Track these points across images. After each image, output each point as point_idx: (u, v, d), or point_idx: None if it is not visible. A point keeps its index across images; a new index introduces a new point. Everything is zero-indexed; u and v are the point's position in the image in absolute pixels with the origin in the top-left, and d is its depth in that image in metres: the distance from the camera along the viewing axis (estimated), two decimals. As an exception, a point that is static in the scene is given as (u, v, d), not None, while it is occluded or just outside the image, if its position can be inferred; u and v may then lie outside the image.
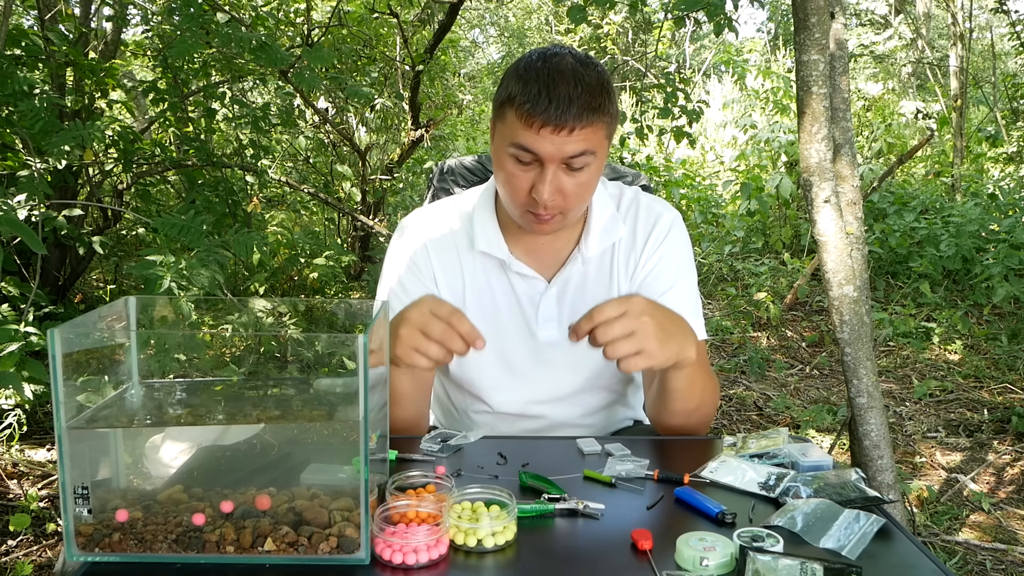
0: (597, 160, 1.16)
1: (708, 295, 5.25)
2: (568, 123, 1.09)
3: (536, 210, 1.16)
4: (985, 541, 2.37)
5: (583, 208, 1.23)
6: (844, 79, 1.74)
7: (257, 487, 0.81)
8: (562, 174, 1.14)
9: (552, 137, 1.10)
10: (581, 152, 1.12)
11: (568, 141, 1.10)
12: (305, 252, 4.18)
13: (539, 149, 1.11)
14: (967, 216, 5.20)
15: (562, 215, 1.19)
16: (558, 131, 1.09)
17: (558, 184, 1.14)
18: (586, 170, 1.15)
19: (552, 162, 1.12)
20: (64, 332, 0.77)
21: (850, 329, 1.60)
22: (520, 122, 1.11)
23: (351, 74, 4.46)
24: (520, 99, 1.10)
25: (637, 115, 5.28)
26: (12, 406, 2.55)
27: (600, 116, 1.12)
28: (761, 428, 3.28)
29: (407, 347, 1.04)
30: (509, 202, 1.21)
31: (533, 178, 1.14)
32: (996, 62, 8.30)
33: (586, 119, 1.10)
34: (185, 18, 2.64)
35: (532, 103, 1.09)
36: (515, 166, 1.15)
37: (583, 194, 1.18)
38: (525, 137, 1.11)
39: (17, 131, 2.65)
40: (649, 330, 1.02)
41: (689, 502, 0.93)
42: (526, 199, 1.16)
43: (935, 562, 0.82)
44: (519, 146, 1.12)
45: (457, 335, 1.04)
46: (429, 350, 1.04)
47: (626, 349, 1.02)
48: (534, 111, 1.09)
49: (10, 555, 2.12)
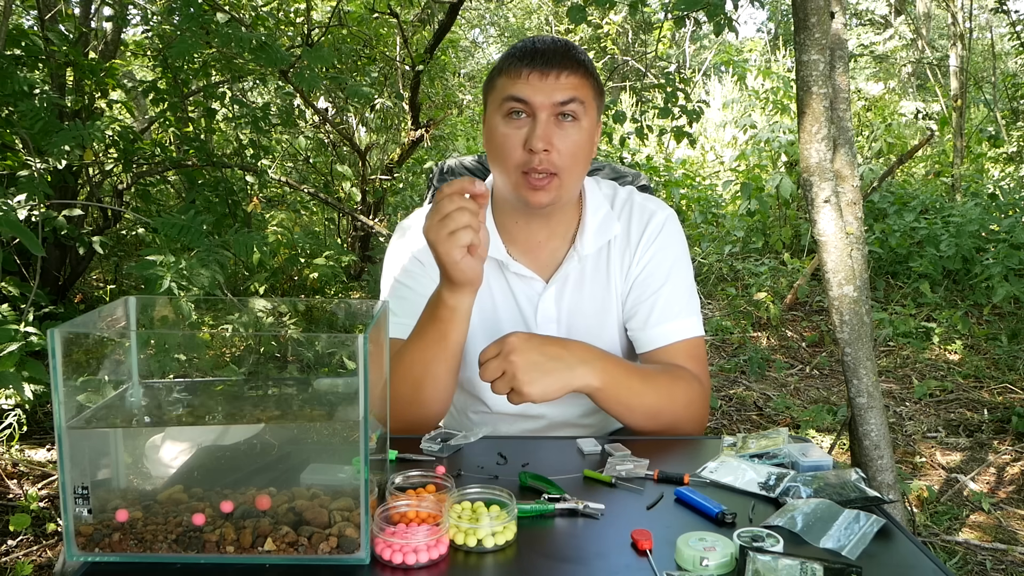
0: (587, 118, 1.20)
1: (708, 295, 5.25)
2: (554, 69, 1.17)
3: (531, 167, 1.18)
4: (985, 541, 2.37)
5: (577, 178, 1.24)
6: (844, 79, 1.74)
7: (257, 487, 0.81)
8: (553, 126, 1.18)
9: (540, 84, 1.16)
10: (570, 99, 1.17)
11: (556, 87, 1.17)
12: (305, 252, 4.18)
13: (529, 95, 1.17)
14: (967, 216, 5.19)
15: (558, 179, 1.20)
16: (544, 77, 1.16)
17: (550, 135, 1.17)
18: (576, 127, 1.19)
19: (543, 110, 1.17)
20: (64, 332, 0.77)
21: (850, 329, 1.60)
22: (509, 78, 1.19)
23: (351, 74, 4.46)
24: (507, 62, 1.20)
25: (637, 115, 5.28)
26: (12, 406, 2.55)
27: (585, 72, 1.20)
28: (761, 428, 3.28)
29: (443, 236, 1.03)
30: (504, 170, 1.22)
31: (526, 134, 1.18)
32: (996, 62, 8.29)
33: (571, 68, 1.18)
34: (185, 18, 2.64)
35: (519, 57, 1.18)
36: (508, 125, 1.19)
37: (576, 154, 1.20)
38: (515, 87, 1.18)
39: (17, 131, 2.65)
40: (516, 369, 1.08)
41: (689, 502, 0.93)
42: (521, 156, 1.19)
43: (935, 562, 0.82)
44: (510, 97, 1.18)
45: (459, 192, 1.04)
46: (458, 220, 1.03)
47: (501, 388, 1.10)
48: (521, 62, 1.18)
49: (10, 555, 2.12)
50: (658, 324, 1.30)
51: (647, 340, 1.31)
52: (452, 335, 1.15)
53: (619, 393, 1.17)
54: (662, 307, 1.31)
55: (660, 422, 1.21)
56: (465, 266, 1.06)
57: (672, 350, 1.30)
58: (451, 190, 1.03)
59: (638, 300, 1.32)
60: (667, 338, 1.30)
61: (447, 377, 1.20)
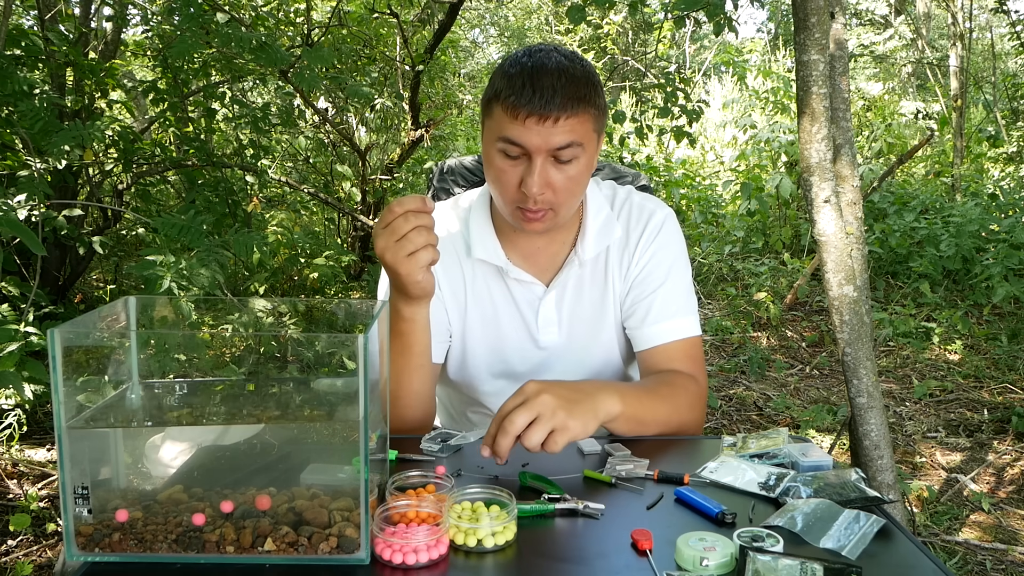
0: (586, 154, 1.16)
1: (708, 295, 5.25)
2: (553, 112, 1.10)
3: (526, 205, 1.16)
4: (985, 541, 2.37)
5: (574, 205, 1.22)
6: (844, 79, 1.74)
7: (257, 487, 0.81)
8: (550, 167, 1.14)
9: (538, 128, 1.10)
10: (568, 144, 1.12)
11: (554, 132, 1.11)
12: (305, 252, 4.18)
13: (525, 141, 1.11)
14: (967, 216, 5.19)
15: (553, 212, 1.18)
16: (543, 121, 1.10)
17: (546, 177, 1.14)
18: (575, 164, 1.15)
19: (539, 154, 1.12)
20: (64, 332, 0.77)
21: (850, 329, 1.60)
22: (506, 115, 1.12)
23: (351, 74, 4.46)
24: (505, 92, 1.11)
25: (637, 115, 5.28)
26: (12, 406, 2.55)
27: (586, 107, 1.13)
28: (761, 428, 3.28)
29: (401, 258, 1.04)
30: (500, 199, 1.21)
31: (522, 172, 1.14)
32: (996, 62, 8.29)
33: (571, 109, 1.11)
34: (185, 18, 2.64)
35: (517, 95, 1.10)
36: (504, 161, 1.15)
37: (573, 189, 1.17)
38: (511, 129, 1.12)
39: (17, 131, 2.65)
40: (552, 405, 1.00)
41: (689, 502, 0.93)
42: (515, 194, 1.16)
43: (935, 562, 0.82)
44: (506, 139, 1.13)
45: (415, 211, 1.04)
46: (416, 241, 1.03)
47: (539, 434, 0.99)
48: (519, 102, 1.10)
49: (10, 555, 2.11)
50: (656, 322, 1.30)
51: (645, 338, 1.31)
52: (416, 346, 1.17)
53: (637, 412, 1.16)
54: (660, 306, 1.31)
55: (667, 430, 1.21)
56: (424, 281, 1.08)
57: (670, 349, 1.30)
58: (403, 209, 1.02)
59: (637, 299, 1.32)
60: (665, 336, 1.30)
61: (421, 385, 1.21)
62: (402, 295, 1.11)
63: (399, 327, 1.15)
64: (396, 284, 1.10)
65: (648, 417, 1.18)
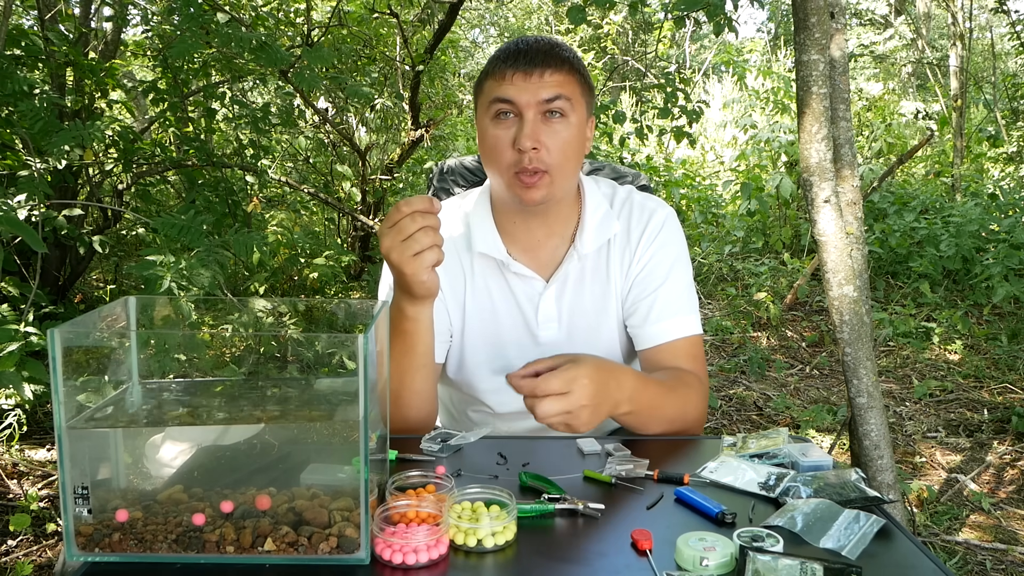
0: (575, 115, 1.21)
1: (708, 295, 5.25)
2: (537, 67, 1.18)
3: (521, 166, 1.19)
4: (985, 541, 2.37)
5: (570, 174, 1.24)
6: (844, 79, 1.74)
7: (257, 487, 0.81)
8: (541, 123, 1.19)
9: (525, 84, 1.18)
10: (556, 96, 1.18)
11: (541, 85, 1.18)
12: (305, 252, 4.18)
13: (514, 96, 1.18)
14: (967, 216, 5.20)
15: (549, 176, 1.20)
16: (528, 76, 1.18)
17: (537, 133, 1.18)
18: (565, 124, 1.20)
19: (529, 108, 1.18)
20: (64, 332, 0.77)
21: (850, 329, 1.60)
22: (495, 80, 1.20)
23: (351, 74, 4.46)
24: (493, 64, 1.22)
25: (637, 115, 5.28)
26: (12, 406, 2.55)
27: (571, 69, 1.21)
28: (761, 428, 3.28)
29: (407, 257, 1.04)
30: (496, 173, 1.23)
31: (514, 134, 1.19)
32: (996, 62, 8.29)
33: (556, 66, 1.19)
34: (185, 18, 2.64)
35: (503, 58, 1.20)
36: (497, 127, 1.20)
37: (566, 151, 1.21)
38: (500, 89, 1.19)
39: (17, 131, 2.65)
40: (585, 398, 1.04)
41: (689, 502, 0.93)
42: (511, 156, 1.19)
43: (935, 562, 0.82)
44: (496, 99, 1.19)
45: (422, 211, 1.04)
46: (423, 241, 1.03)
47: (555, 411, 1.03)
48: (506, 64, 1.19)
49: (10, 555, 2.11)
50: (658, 321, 1.31)
51: (646, 337, 1.32)
52: (419, 346, 1.18)
53: (648, 407, 1.17)
54: (662, 304, 1.31)
55: (672, 428, 1.22)
56: (429, 281, 1.08)
57: (671, 347, 1.30)
58: (410, 209, 1.03)
59: (638, 298, 1.32)
60: (666, 335, 1.30)
61: (423, 384, 1.22)
62: (406, 295, 1.11)
63: (403, 327, 1.15)
64: (401, 283, 1.10)
65: (657, 413, 1.19)
